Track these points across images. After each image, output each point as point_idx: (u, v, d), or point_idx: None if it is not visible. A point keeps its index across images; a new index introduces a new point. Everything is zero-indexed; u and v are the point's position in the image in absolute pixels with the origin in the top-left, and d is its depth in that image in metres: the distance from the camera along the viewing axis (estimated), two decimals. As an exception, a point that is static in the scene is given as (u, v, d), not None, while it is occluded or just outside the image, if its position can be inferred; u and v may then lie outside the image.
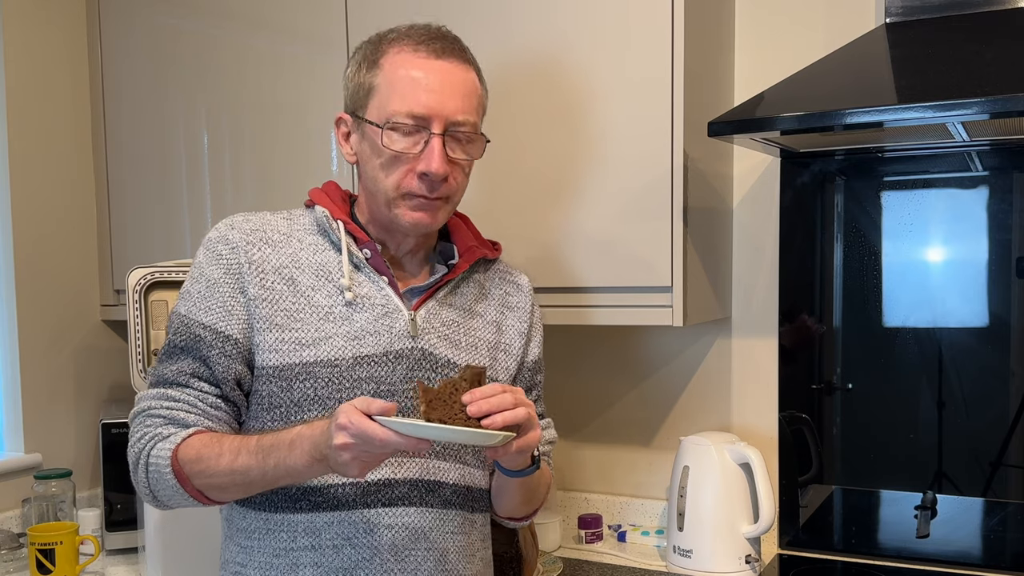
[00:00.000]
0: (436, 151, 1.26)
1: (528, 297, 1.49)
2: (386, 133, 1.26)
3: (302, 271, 1.30)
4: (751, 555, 1.82)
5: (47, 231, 2.29)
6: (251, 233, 1.31)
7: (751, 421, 2.01)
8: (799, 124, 1.48)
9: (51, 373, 2.30)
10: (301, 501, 1.28)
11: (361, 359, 1.28)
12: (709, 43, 1.82)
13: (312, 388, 1.26)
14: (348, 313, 1.29)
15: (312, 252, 1.32)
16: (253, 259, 1.29)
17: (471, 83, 1.31)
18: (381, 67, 1.28)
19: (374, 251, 1.33)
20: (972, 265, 1.78)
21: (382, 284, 1.32)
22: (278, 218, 1.36)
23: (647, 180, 1.69)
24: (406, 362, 1.30)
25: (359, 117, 1.31)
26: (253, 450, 1.19)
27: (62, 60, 2.31)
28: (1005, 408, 1.76)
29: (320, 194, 1.38)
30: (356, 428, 1.06)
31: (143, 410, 1.28)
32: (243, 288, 1.28)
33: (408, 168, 1.27)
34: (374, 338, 1.29)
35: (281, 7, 2.03)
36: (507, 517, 1.46)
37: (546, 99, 1.76)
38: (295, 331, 1.27)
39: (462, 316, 1.38)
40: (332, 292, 1.30)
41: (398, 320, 1.30)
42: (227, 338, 1.27)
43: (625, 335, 2.11)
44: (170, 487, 1.24)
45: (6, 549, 2.04)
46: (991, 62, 1.47)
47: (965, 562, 1.81)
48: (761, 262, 1.98)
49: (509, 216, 1.81)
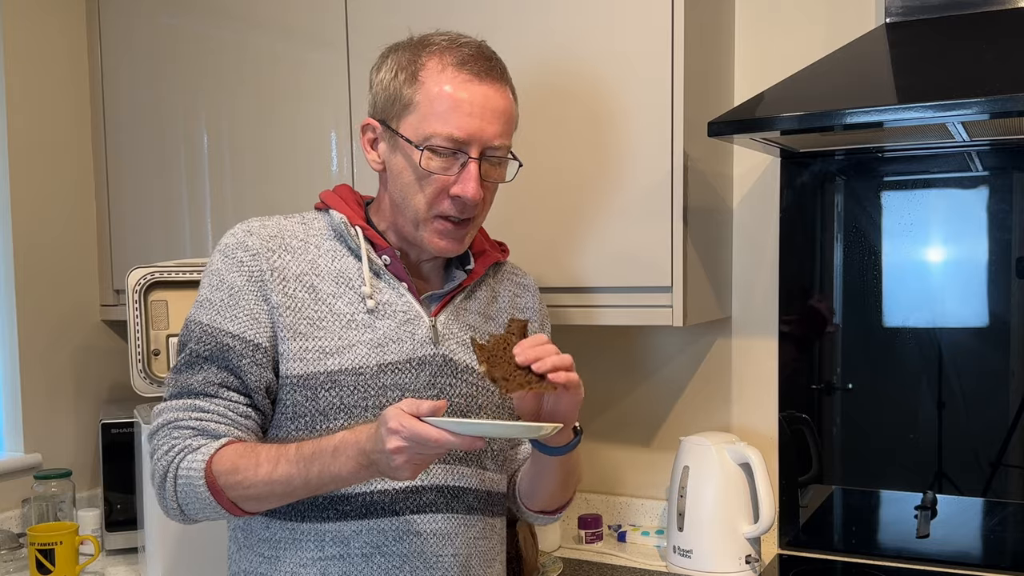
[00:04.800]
0: (472, 176, 1.25)
1: (535, 298, 1.49)
2: (424, 154, 1.24)
3: (322, 278, 1.29)
4: (751, 555, 1.82)
5: (47, 231, 2.29)
6: (271, 239, 1.29)
7: (751, 421, 2.00)
8: (799, 124, 1.48)
9: (51, 373, 2.30)
10: (328, 510, 1.26)
11: (385, 366, 1.27)
12: (709, 43, 1.81)
13: (338, 396, 1.25)
14: (370, 320, 1.28)
15: (331, 258, 1.31)
16: (275, 266, 1.27)
17: (510, 107, 1.30)
18: (422, 83, 1.25)
19: (393, 257, 1.32)
20: (972, 265, 1.78)
21: (402, 291, 1.31)
22: (293, 223, 1.33)
23: (647, 180, 1.69)
24: (429, 369, 1.29)
25: (392, 129, 1.28)
26: (293, 459, 1.17)
27: (62, 60, 2.31)
28: (1005, 408, 1.76)
29: (335, 198, 1.36)
30: (409, 431, 1.05)
31: (169, 422, 1.24)
32: (266, 296, 1.26)
33: (441, 189, 1.26)
34: (397, 345, 1.28)
35: (281, 7, 2.03)
36: (541, 510, 1.44)
37: (546, 100, 1.76)
38: (318, 339, 1.26)
39: (479, 321, 1.38)
40: (353, 299, 1.28)
41: (420, 327, 1.30)
42: (256, 346, 1.25)
43: (625, 335, 2.11)
44: (202, 500, 1.21)
45: (6, 549, 2.04)
46: (991, 62, 1.47)
47: (965, 562, 1.81)
48: (761, 262, 1.98)
49: (509, 216, 1.80)
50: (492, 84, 1.27)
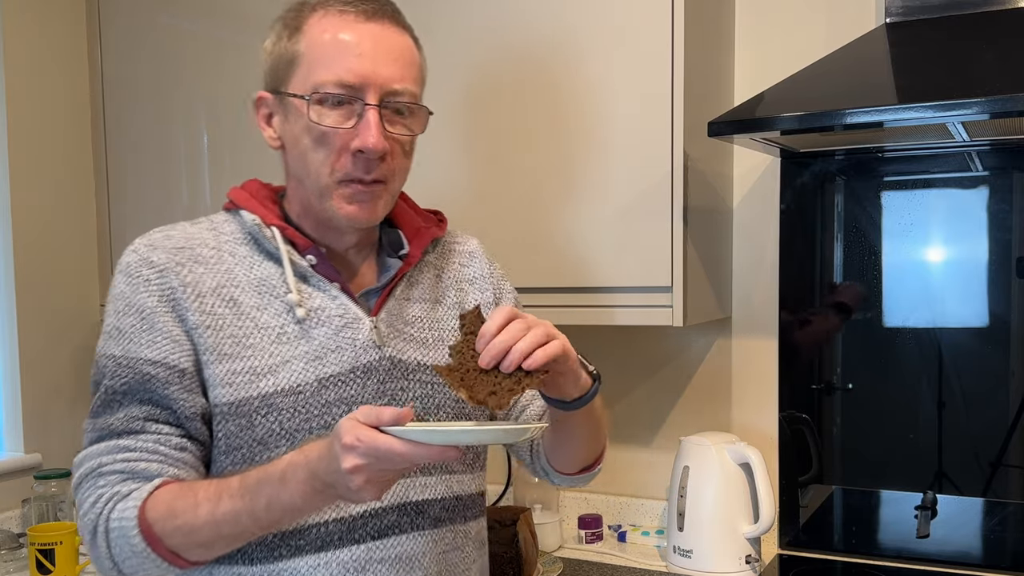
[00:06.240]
0: (372, 124, 1.10)
1: (483, 263, 1.34)
2: (312, 107, 1.10)
3: (242, 289, 1.14)
4: (751, 555, 1.82)
5: (47, 231, 2.29)
6: (177, 252, 1.14)
7: (751, 421, 2.00)
8: (799, 124, 1.48)
9: (51, 373, 2.30)
10: (280, 548, 1.12)
11: (326, 380, 1.13)
12: (709, 43, 1.81)
13: (276, 422, 1.11)
14: (303, 331, 1.14)
15: (249, 266, 1.16)
16: (186, 281, 1.12)
17: (408, 49, 1.15)
18: (304, 33, 1.13)
19: (319, 256, 1.17)
20: (972, 265, 1.78)
21: (335, 292, 1.17)
22: (201, 230, 1.18)
23: (647, 180, 1.69)
24: (376, 375, 1.16)
25: (281, 93, 1.15)
26: (237, 492, 1.02)
27: (62, 60, 2.31)
28: (1005, 408, 1.76)
29: (243, 196, 1.21)
30: (367, 445, 0.91)
31: (92, 470, 1.10)
32: (182, 316, 1.11)
33: (341, 147, 1.11)
34: (337, 355, 1.14)
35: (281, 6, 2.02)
36: (577, 472, 1.30)
37: (546, 99, 1.76)
38: (247, 359, 1.11)
39: (424, 309, 1.24)
40: (280, 310, 1.14)
41: (360, 330, 1.16)
42: (183, 372, 1.10)
43: (625, 335, 2.11)
44: (139, 553, 1.05)
45: (6, 549, 2.04)
46: (991, 62, 1.47)
47: (965, 562, 1.81)
48: (761, 262, 1.98)
49: (509, 216, 1.80)
50: (382, 23, 1.13)
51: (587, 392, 1.12)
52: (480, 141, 1.82)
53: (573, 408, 1.13)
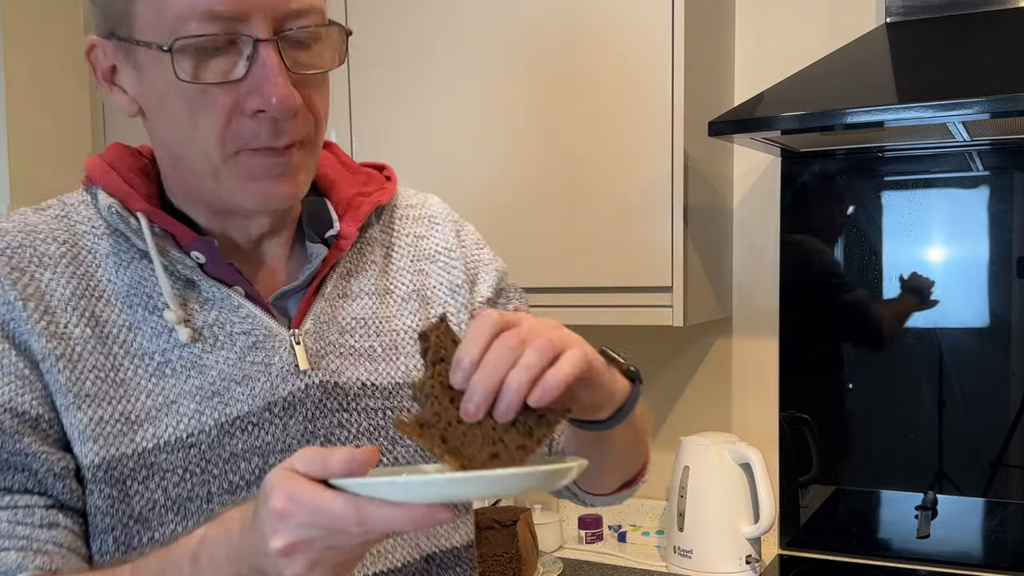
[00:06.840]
0: (272, 68, 0.76)
1: (449, 228, 0.99)
2: (178, 59, 0.75)
3: (107, 301, 0.82)
4: (751, 555, 1.82)
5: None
6: (14, 253, 0.81)
7: (751, 421, 2.00)
8: (799, 124, 1.48)
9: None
10: None
11: (230, 425, 0.81)
12: (709, 43, 1.81)
13: (159, 489, 0.79)
14: (195, 357, 0.82)
15: (114, 267, 0.83)
16: (28, 293, 0.80)
17: None
18: None
19: (209, 251, 0.84)
20: (972, 265, 1.78)
21: (236, 300, 0.84)
22: (46, 218, 0.85)
23: (647, 180, 1.69)
24: (302, 410, 0.83)
25: (125, 39, 0.79)
26: None
27: (62, 60, 2.31)
28: (1005, 408, 1.76)
29: (101, 168, 0.87)
30: (309, 511, 0.59)
31: None
32: (23, 343, 0.79)
33: (231, 108, 0.77)
34: (244, 388, 0.82)
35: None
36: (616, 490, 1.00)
37: (546, 98, 1.76)
38: (117, 402, 0.80)
39: (369, 307, 0.90)
40: (161, 329, 0.82)
41: (276, 349, 0.84)
42: (36, 418, 0.78)
43: (625, 335, 2.11)
44: None
45: (6, 549, 2.04)
46: (991, 62, 1.47)
47: (965, 562, 1.80)
48: (761, 262, 1.98)
49: (508, 216, 1.80)
50: None
51: (626, 402, 0.80)
52: (479, 142, 1.82)
53: (609, 427, 0.80)
